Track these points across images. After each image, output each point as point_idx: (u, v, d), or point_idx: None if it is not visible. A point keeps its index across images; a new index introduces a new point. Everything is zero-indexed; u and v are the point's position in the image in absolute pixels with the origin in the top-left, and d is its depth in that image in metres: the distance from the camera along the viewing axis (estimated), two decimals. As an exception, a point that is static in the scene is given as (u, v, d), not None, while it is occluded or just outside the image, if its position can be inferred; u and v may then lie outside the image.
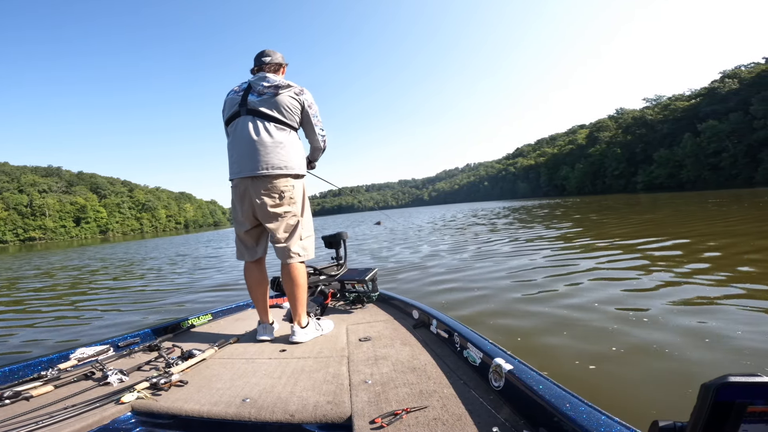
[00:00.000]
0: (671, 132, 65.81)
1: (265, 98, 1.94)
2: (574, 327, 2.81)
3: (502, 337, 2.74)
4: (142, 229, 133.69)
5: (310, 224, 2.14)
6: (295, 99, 1.98)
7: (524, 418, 1.09)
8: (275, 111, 1.94)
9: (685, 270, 4.24)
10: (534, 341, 2.65)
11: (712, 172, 55.44)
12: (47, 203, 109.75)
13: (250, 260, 2.13)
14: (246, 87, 2.01)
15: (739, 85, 56.89)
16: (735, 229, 7.29)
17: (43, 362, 1.73)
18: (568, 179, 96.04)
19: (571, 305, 3.30)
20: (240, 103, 1.98)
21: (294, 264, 2.02)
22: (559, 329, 2.79)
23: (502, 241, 8.58)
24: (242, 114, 1.97)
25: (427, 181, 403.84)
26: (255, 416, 1.24)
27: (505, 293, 3.94)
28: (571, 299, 3.48)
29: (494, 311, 3.40)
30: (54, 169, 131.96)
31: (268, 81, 1.97)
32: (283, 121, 1.96)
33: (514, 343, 2.66)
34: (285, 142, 1.95)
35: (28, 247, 55.67)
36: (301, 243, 2.04)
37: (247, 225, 2.06)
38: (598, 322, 2.86)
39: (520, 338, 2.74)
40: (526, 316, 3.16)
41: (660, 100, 79.83)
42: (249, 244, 2.11)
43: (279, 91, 1.94)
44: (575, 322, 2.89)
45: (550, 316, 3.10)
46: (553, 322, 2.94)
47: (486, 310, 3.43)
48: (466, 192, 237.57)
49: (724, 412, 0.52)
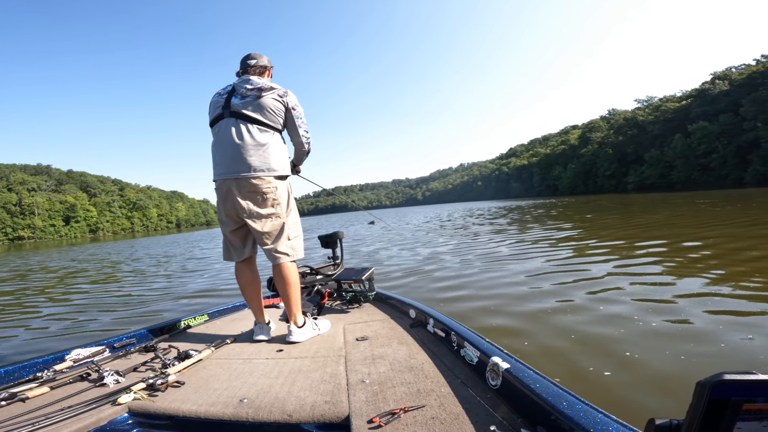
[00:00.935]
0: (662, 133, 66.44)
1: (248, 101, 1.95)
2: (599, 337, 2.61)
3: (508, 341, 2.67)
4: (133, 229, 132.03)
5: (298, 224, 2.14)
6: (278, 101, 1.98)
7: (521, 416, 1.10)
8: (258, 113, 1.95)
9: (716, 275, 3.95)
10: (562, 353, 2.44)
11: (702, 172, 56.08)
12: (36, 202, 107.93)
13: (239, 260, 2.12)
14: (230, 89, 2.03)
15: (729, 86, 57.52)
16: (748, 231, 6.88)
17: (38, 363, 1.72)
18: (561, 179, 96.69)
19: (599, 317, 3.00)
20: (223, 105, 1.99)
21: (284, 264, 2.02)
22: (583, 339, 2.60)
23: (508, 242, 8.16)
24: (225, 116, 1.98)
25: (421, 181, 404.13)
26: (253, 416, 1.24)
27: (522, 302, 3.59)
28: (597, 309, 3.16)
29: (509, 319, 3.14)
30: (43, 167, 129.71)
31: (251, 83, 1.97)
32: (266, 123, 1.97)
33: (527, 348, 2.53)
34: (267, 144, 1.96)
35: (17, 247, 54.72)
36: (288, 243, 2.05)
37: (233, 225, 2.06)
38: (631, 329, 2.68)
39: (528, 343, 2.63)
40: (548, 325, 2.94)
41: (651, 101, 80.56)
42: (236, 244, 2.11)
43: (262, 93, 1.95)
44: (601, 335, 2.64)
45: (574, 326, 2.85)
46: (577, 334, 2.71)
47: (502, 323, 3.10)
48: (460, 191, 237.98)
49: (720, 410, 0.52)
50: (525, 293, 3.87)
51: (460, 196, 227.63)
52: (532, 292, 3.88)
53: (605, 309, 3.15)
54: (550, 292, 3.82)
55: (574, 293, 3.70)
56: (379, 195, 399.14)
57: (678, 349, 2.29)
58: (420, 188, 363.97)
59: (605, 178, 79.64)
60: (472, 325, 2.30)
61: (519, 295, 3.81)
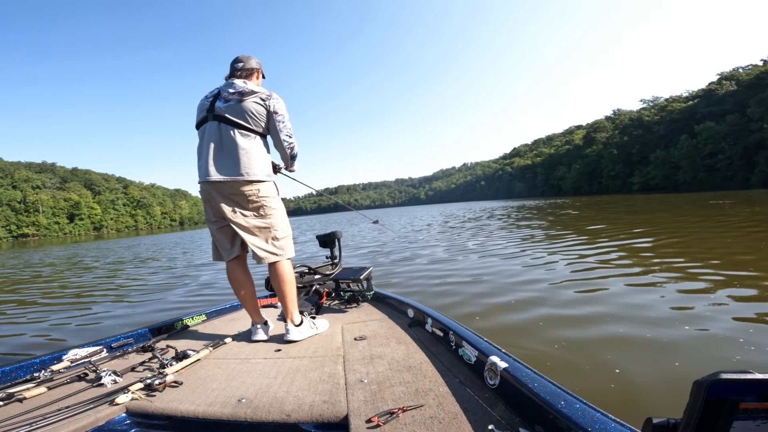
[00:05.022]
0: (668, 133, 66.01)
1: (231, 104, 1.96)
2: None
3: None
4: (136, 226, 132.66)
5: (285, 225, 2.13)
6: (260, 105, 1.98)
7: (519, 415, 1.10)
8: (239, 117, 1.96)
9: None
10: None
11: (708, 173, 55.63)
12: (41, 199, 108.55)
13: (228, 260, 2.12)
14: (216, 93, 2.04)
15: (736, 87, 57.07)
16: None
17: (35, 364, 1.72)
18: (565, 179, 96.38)
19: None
20: (208, 108, 2.01)
21: (278, 263, 2.03)
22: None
23: (543, 246, 7.18)
24: (209, 119, 1.99)
25: (424, 180, 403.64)
26: (251, 416, 1.24)
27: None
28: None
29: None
30: (48, 165, 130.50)
31: (234, 87, 1.98)
32: (248, 127, 1.97)
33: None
34: (248, 149, 1.96)
35: (21, 244, 55.06)
36: (277, 243, 2.05)
37: (218, 224, 2.07)
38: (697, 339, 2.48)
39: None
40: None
41: (657, 102, 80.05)
42: (224, 243, 2.11)
43: (243, 97, 1.96)
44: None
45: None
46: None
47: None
48: (463, 191, 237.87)
49: (717, 409, 0.52)
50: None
51: (462, 196, 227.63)
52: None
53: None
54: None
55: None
56: (382, 194, 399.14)
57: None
58: (423, 187, 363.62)
59: (610, 179, 79.24)
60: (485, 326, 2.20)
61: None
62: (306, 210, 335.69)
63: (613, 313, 3.04)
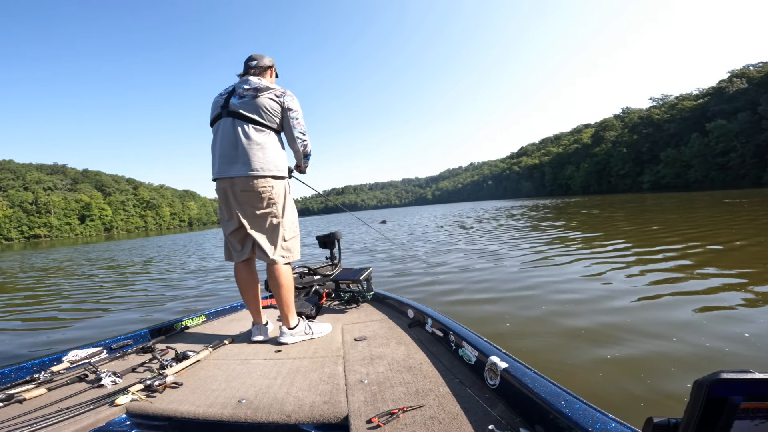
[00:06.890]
0: (678, 131, 65.22)
1: (245, 101, 1.96)
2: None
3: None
4: (146, 227, 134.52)
5: (294, 225, 2.12)
6: (274, 101, 1.98)
7: (520, 415, 1.09)
8: (254, 113, 1.96)
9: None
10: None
11: (720, 171, 54.88)
12: (52, 201, 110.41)
13: (239, 261, 2.12)
14: (230, 90, 2.05)
15: (747, 84, 56.27)
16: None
17: (35, 365, 1.72)
18: (573, 178, 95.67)
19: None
20: (222, 105, 2.01)
21: (277, 266, 2.01)
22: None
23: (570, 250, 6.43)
24: (224, 116, 2.00)
25: (431, 180, 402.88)
26: (251, 417, 1.24)
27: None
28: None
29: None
30: (59, 166, 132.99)
31: (249, 84, 1.99)
32: (263, 123, 1.97)
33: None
34: (264, 144, 1.96)
35: (33, 245, 56.00)
36: (284, 244, 2.04)
37: (232, 225, 2.06)
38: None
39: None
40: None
41: (667, 100, 79.07)
42: (236, 245, 2.11)
43: (258, 93, 1.96)
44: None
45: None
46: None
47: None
48: (470, 191, 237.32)
49: (717, 409, 0.52)
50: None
51: (469, 196, 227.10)
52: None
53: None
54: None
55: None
56: (388, 194, 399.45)
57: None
58: (429, 187, 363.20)
59: (619, 178, 78.53)
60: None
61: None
62: (313, 210, 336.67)
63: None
